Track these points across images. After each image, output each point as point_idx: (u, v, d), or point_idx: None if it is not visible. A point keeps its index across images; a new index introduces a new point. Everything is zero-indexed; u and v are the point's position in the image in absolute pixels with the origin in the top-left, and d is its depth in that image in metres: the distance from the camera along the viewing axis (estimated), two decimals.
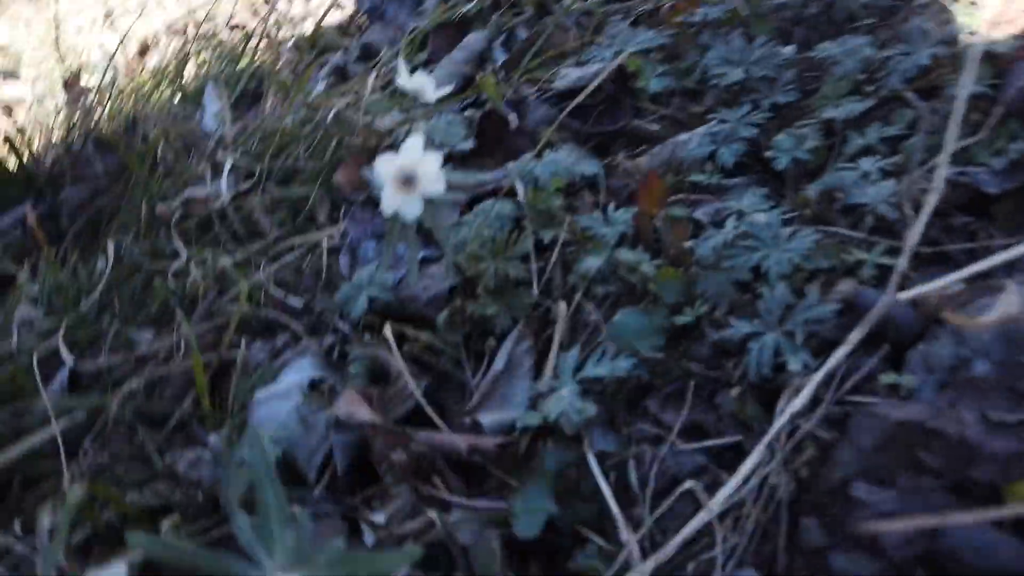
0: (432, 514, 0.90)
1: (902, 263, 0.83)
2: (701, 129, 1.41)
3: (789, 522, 0.80)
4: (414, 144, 0.97)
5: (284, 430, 1.15)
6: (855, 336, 0.82)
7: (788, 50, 1.46)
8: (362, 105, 1.78)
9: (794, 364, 0.85)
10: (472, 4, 2.18)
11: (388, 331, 1.15)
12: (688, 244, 1.12)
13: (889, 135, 1.17)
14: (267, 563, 0.64)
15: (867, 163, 1.11)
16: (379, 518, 0.91)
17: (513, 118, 1.51)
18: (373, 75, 1.93)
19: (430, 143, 1.01)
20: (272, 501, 0.67)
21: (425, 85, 1.15)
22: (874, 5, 1.52)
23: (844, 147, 1.20)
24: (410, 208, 1.00)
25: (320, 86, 2.26)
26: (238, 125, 2.02)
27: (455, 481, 0.99)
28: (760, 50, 1.45)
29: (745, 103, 1.39)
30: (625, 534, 0.80)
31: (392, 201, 0.99)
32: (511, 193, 1.33)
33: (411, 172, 0.98)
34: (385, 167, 0.97)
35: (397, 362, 1.18)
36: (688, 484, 0.81)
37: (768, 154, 1.26)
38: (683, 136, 1.45)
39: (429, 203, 1.04)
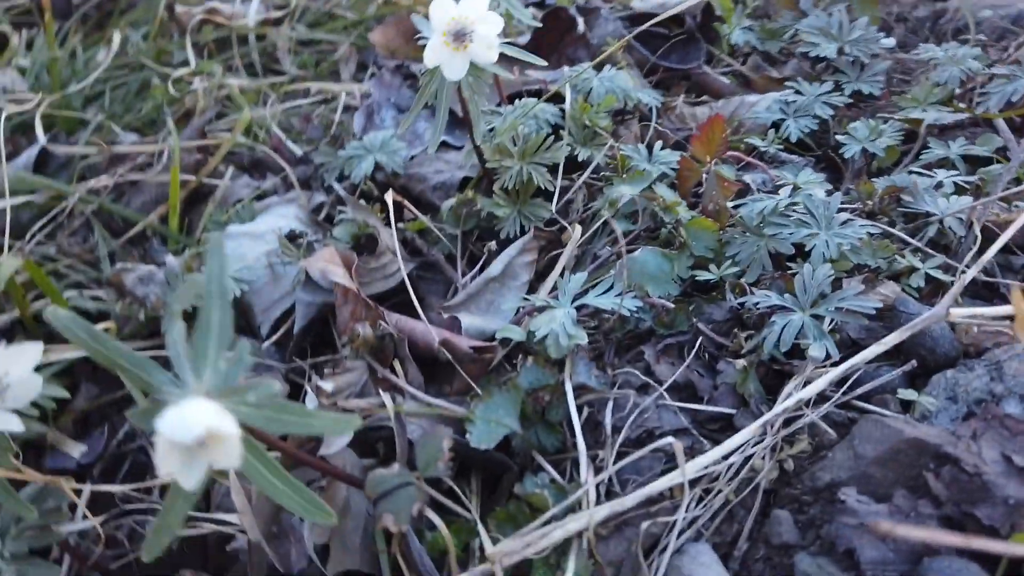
0: (385, 397, 0.82)
1: (966, 279, 0.75)
2: (773, 95, 1.30)
3: (760, 511, 0.73)
4: None
5: (249, 272, 1.06)
6: (892, 339, 0.74)
7: (888, 41, 1.34)
8: None
9: (816, 350, 0.77)
10: None
11: (390, 199, 1.05)
12: (730, 204, 1.03)
13: (972, 154, 1.08)
14: (191, 382, 0.56)
15: (943, 174, 1.02)
16: (327, 386, 0.83)
17: (581, 24, 1.39)
18: None
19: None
20: (216, 320, 0.58)
21: None
22: (989, 24, 1.40)
23: (922, 153, 1.11)
24: (454, 66, 0.89)
25: None
26: None
27: (415, 373, 0.91)
28: (860, 32, 1.33)
29: (827, 82, 1.28)
30: (585, 473, 0.73)
31: (437, 53, 0.89)
32: (556, 99, 1.23)
33: (467, 27, 0.87)
34: (440, 12, 0.86)
35: (387, 237, 1.08)
36: (665, 441, 0.73)
37: (839, 138, 1.16)
38: (751, 97, 1.34)
39: (473, 70, 0.93)
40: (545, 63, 0.98)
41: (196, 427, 0.48)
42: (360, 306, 0.97)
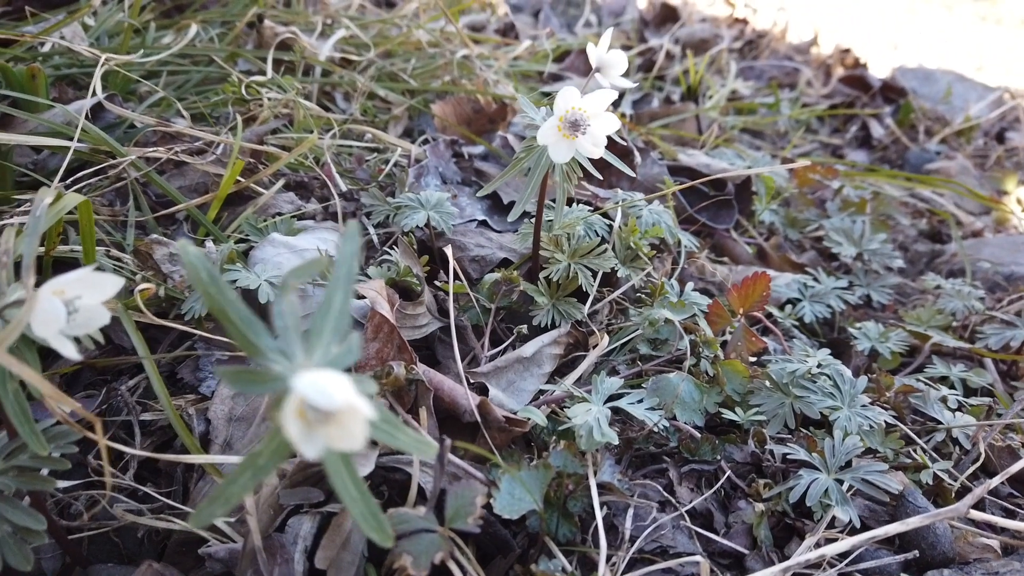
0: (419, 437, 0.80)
1: (991, 484, 0.80)
2: (792, 275, 1.39)
3: None
4: (603, 97, 0.92)
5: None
6: (914, 522, 0.77)
7: (898, 262, 1.46)
8: (499, 66, 1.73)
9: (843, 514, 0.79)
10: (631, 51, 2.17)
11: (450, 252, 1.06)
12: (752, 359, 1.08)
13: (968, 379, 1.16)
14: (299, 357, 0.54)
15: (946, 390, 1.09)
16: None
17: (638, 158, 1.48)
18: (526, 43, 1.89)
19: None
20: (338, 303, 0.57)
21: (617, 62, 1.10)
22: (983, 275, 1.54)
23: (924, 368, 1.19)
24: (561, 150, 0.93)
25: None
26: (369, 9, 1.94)
27: (433, 427, 0.90)
28: (877, 245, 1.45)
29: (842, 279, 1.38)
30: (603, 570, 0.71)
31: (549, 134, 0.93)
32: (604, 215, 1.29)
33: (584, 119, 0.92)
34: (565, 98, 0.91)
35: (427, 290, 1.09)
36: (687, 560, 0.73)
37: (852, 332, 1.23)
38: (771, 271, 1.43)
39: (571, 162, 0.98)
40: (634, 174, 1.04)
41: (339, 397, 0.47)
42: (390, 346, 0.96)
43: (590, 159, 0.99)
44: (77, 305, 0.62)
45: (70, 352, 0.61)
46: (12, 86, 1.25)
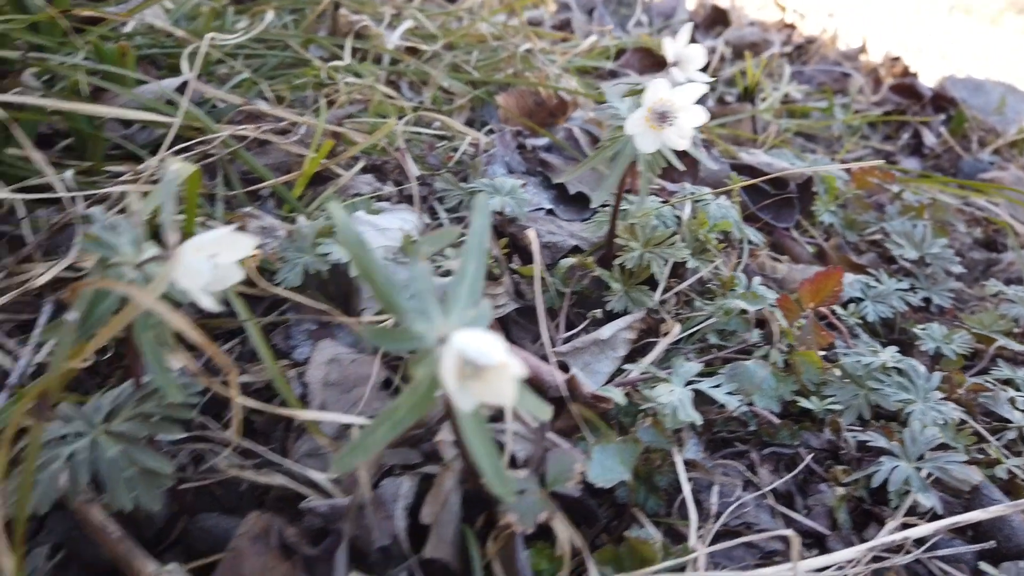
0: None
1: None
2: (854, 276, 1.41)
3: None
4: (692, 90, 0.94)
5: None
6: (997, 510, 0.79)
7: (958, 268, 1.47)
8: (563, 60, 1.76)
9: (925, 500, 0.81)
10: None
11: (533, 236, 1.09)
12: (821, 353, 1.10)
13: None
14: (438, 319, 0.57)
15: (1013, 392, 1.10)
16: None
17: (703, 156, 1.50)
18: (590, 39, 1.92)
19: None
20: (472, 271, 0.60)
21: (695, 56, 1.13)
22: None
23: (989, 370, 1.20)
24: (647, 140, 0.96)
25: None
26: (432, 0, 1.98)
27: None
28: (938, 249, 1.46)
29: (904, 281, 1.39)
30: (694, 541, 0.74)
31: (637, 124, 0.96)
32: (673, 207, 1.31)
33: (672, 111, 0.94)
34: (654, 90, 0.94)
35: (506, 273, 1.12)
36: (773, 534, 0.75)
37: (918, 332, 1.25)
38: None
39: (655, 153, 1.00)
40: (715, 165, 1.06)
41: (496, 355, 0.50)
42: None
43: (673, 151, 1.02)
44: (214, 262, 0.65)
45: (210, 304, 0.64)
46: (104, 62, 1.30)
